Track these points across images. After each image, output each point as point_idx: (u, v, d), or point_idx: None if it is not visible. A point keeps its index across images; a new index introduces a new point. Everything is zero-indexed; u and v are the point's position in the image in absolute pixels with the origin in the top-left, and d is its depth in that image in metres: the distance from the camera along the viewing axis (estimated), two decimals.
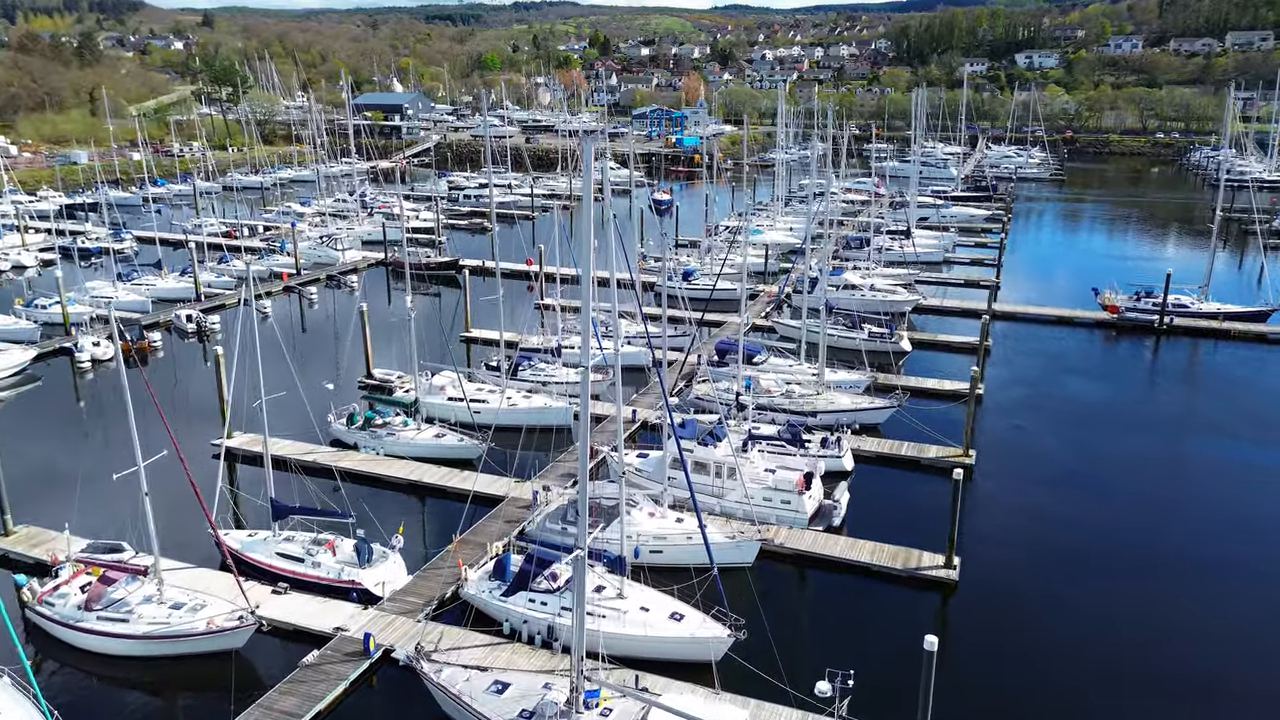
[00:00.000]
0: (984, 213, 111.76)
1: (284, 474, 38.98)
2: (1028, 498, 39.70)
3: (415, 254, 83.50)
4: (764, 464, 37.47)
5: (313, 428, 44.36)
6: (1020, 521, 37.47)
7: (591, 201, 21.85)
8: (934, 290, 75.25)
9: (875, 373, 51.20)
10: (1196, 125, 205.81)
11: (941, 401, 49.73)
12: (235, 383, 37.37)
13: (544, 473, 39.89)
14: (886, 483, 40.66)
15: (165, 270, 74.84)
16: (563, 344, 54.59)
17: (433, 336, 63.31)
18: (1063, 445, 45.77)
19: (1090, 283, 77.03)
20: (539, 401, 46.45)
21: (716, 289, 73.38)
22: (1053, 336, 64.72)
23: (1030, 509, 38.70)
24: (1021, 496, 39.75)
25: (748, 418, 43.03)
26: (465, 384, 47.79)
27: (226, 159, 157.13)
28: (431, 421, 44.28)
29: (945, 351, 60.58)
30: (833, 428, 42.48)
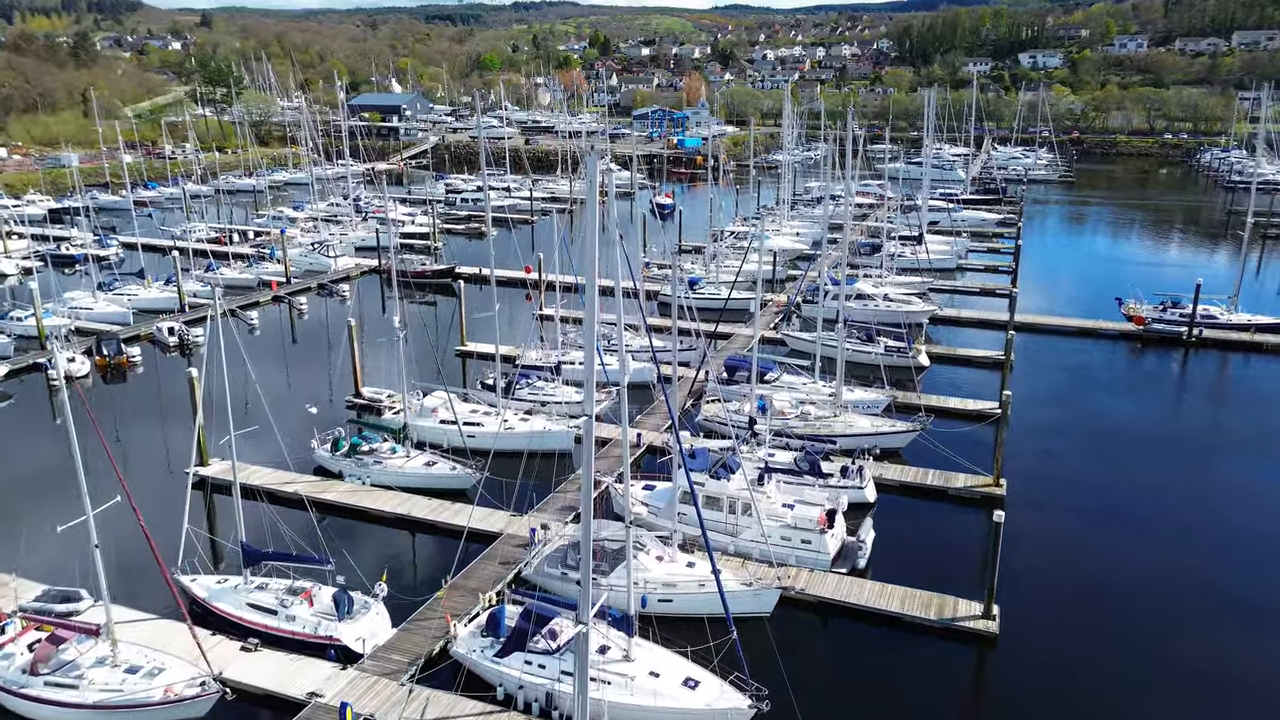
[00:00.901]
0: (995, 216, 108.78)
1: (264, 506, 36.14)
2: (1067, 534, 36.70)
3: (410, 261, 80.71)
4: (781, 498, 34.55)
5: (296, 453, 41.59)
6: (1061, 561, 34.51)
7: (597, 223, 19.11)
8: (945, 299, 72.22)
9: (894, 391, 48.30)
10: (1205, 126, 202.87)
11: (964, 422, 46.74)
12: (218, 399, 34.40)
13: (543, 505, 36.97)
14: (912, 516, 37.71)
15: (149, 279, 71.91)
16: (563, 360, 51.62)
17: (426, 350, 60.43)
18: (1098, 471, 42.79)
19: (1109, 290, 74.13)
20: (537, 424, 43.52)
21: (719, 298, 70.63)
22: (1076, 349, 61.76)
23: (1070, 546, 35.73)
24: (1060, 532, 36.75)
25: (762, 442, 40.16)
26: (458, 405, 44.85)
27: (221, 161, 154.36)
28: (422, 447, 41.36)
29: (965, 366, 57.65)
30: (854, 454, 39.47)
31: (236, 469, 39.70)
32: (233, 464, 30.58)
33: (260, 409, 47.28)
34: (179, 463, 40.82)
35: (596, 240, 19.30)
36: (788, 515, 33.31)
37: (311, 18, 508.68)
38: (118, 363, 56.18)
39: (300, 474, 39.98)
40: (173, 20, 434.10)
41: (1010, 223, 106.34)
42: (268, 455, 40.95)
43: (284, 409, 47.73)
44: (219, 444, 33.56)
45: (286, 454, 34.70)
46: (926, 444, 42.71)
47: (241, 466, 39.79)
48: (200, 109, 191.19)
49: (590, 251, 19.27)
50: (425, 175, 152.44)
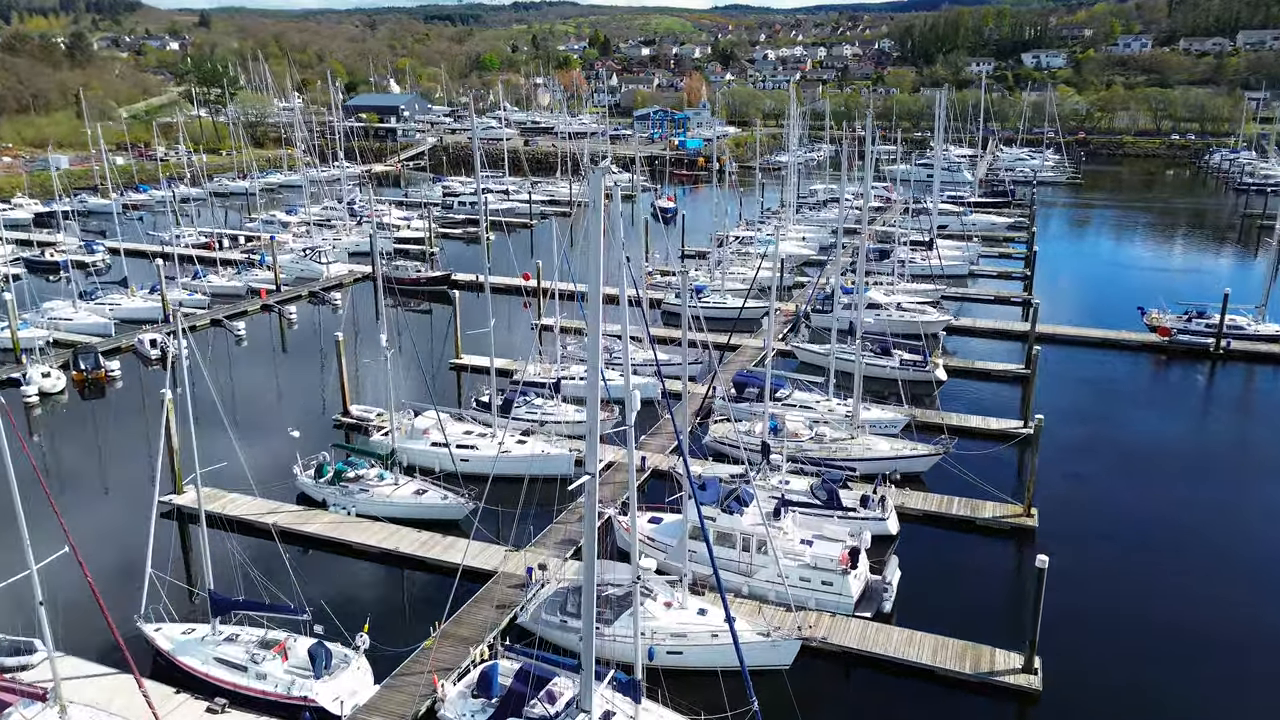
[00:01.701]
0: (1005, 220, 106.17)
1: (240, 540, 33.57)
2: (1108, 570, 33.99)
3: (404, 268, 78.17)
4: (799, 534, 31.95)
5: (279, 479, 39.07)
6: (1105, 603, 31.80)
7: (601, 244, 16.62)
8: (955, 307, 69.58)
9: (912, 409, 45.71)
10: (1212, 126, 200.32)
11: (987, 443, 44.19)
12: (201, 419, 31.99)
13: (541, 539, 34.38)
14: (938, 550, 35.10)
15: (133, 287, 69.30)
16: (563, 376, 48.99)
17: (418, 365, 57.88)
18: (1135, 498, 40.08)
19: (1127, 298, 71.69)
20: (535, 446, 40.87)
21: (726, 307, 68.03)
22: (1098, 361, 59.14)
23: (1114, 585, 33.02)
24: (1100, 569, 34.01)
25: (776, 466, 37.56)
26: (450, 425, 42.28)
27: (215, 163, 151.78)
28: (412, 473, 38.75)
29: (983, 380, 55.09)
30: (875, 482, 36.83)
31: (209, 502, 37.25)
32: (199, 503, 27.81)
33: (242, 430, 44.86)
34: (160, 488, 38.10)
35: (601, 271, 16.75)
36: (806, 553, 30.71)
37: (310, 18, 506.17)
38: (95, 378, 53.57)
39: (282, 502, 37.41)
40: (171, 20, 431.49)
41: (1021, 226, 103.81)
42: (247, 479, 38.37)
43: (268, 428, 45.35)
44: (198, 469, 30.85)
45: (254, 481, 31.95)
46: (948, 467, 40.15)
47: (217, 495, 37.43)
48: (196, 110, 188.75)
49: (595, 290, 16.73)
50: (422, 177, 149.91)
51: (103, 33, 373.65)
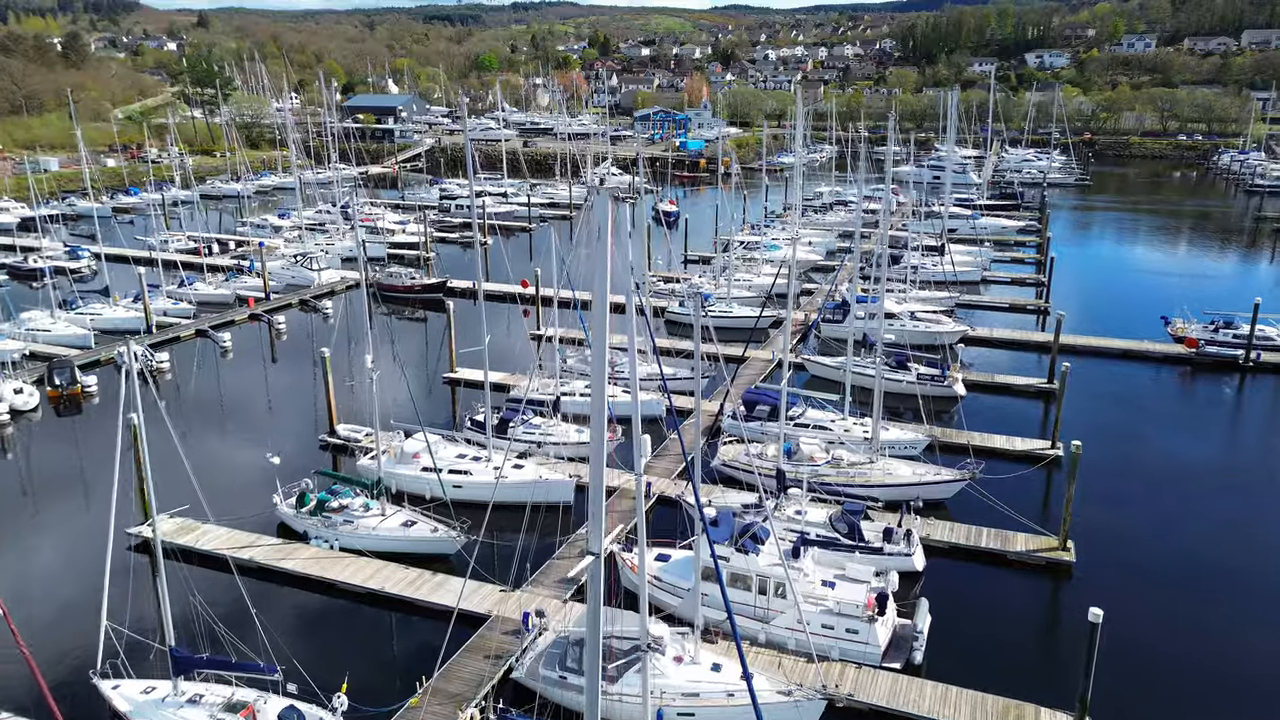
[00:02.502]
0: (1016, 224, 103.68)
1: (211, 579, 31.11)
2: (1156, 614, 31.19)
3: (398, 275, 75.62)
4: (820, 574, 29.36)
5: (258, 508, 36.51)
6: (1156, 652, 29.14)
7: (607, 280, 14.11)
8: (967, 315, 66.84)
9: (933, 428, 43.15)
10: (1219, 127, 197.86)
11: (1013, 464, 41.65)
12: (156, 455, 29.45)
13: (538, 577, 31.76)
14: (969, 589, 32.44)
15: (116, 296, 66.65)
16: (563, 393, 46.35)
17: (412, 377, 55.26)
18: (1178, 528, 37.34)
19: (1147, 306, 69.28)
20: (531, 471, 38.28)
21: (732, 315, 65.40)
22: (1121, 374, 56.52)
23: (1165, 631, 30.29)
24: (1148, 613, 31.17)
25: (790, 493, 34.96)
26: (442, 448, 39.70)
27: (208, 164, 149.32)
28: (401, 500, 36.16)
29: (1003, 395, 52.46)
30: (899, 513, 34.20)
31: (181, 534, 34.71)
32: (157, 549, 25.20)
33: (221, 452, 42.31)
34: (124, 519, 35.50)
35: (607, 307, 14.22)
36: (829, 597, 28.11)
37: (310, 18, 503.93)
38: (71, 394, 50.95)
39: (260, 535, 34.78)
40: (170, 20, 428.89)
41: (1032, 230, 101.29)
42: (225, 507, 35.92)
43: (249, 449, 42.78)
44: (186, 483, 28.37)
45: (230, 510, 29.31)
46: (972, 492, 37.59)
47: (189, 527, 34.88)
48: (191, 111, 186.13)
49: (600, 328, 14.18)
50: (420, 179, 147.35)
51: (100, 33, 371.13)
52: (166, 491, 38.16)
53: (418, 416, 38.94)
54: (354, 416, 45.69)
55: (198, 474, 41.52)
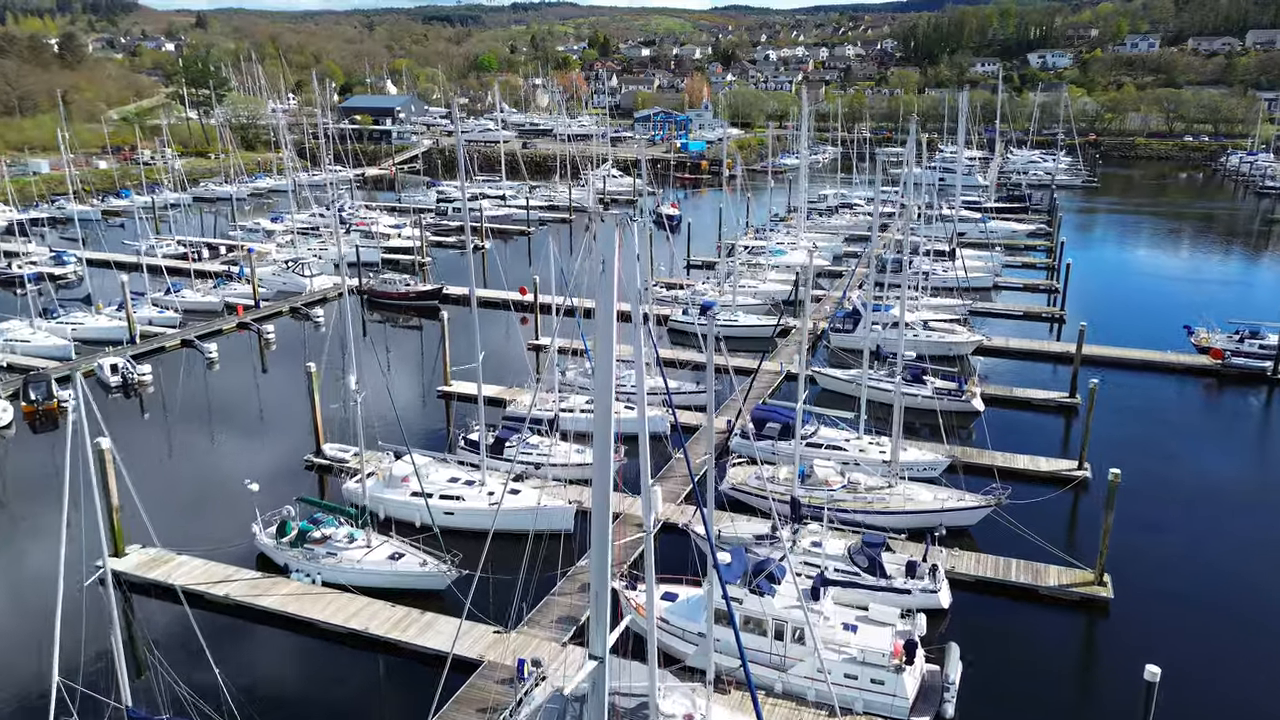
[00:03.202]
0: (1026, 227, 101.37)
1: (188, 614, 28.80)
2: (1201, 655, 29.02)
3: (392, 281, 73.35)
4: (840, 616, 27.07)
5: (236, 537, 34.23)
6: (1207, 698, 26.85)
7: (614, 305, 11.93)
8: (979, 323, 64.42)
9: (953, 447, 40.87)
10: (1225, 128, 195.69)
11: (1038, 487, 39.34)
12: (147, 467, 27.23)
13: (535, 617, 29.45)
14: (999, 630, 30.12)
15: (99, 304, 64.34)
16: (562, 409, 43.98)
17: (404, 392, 53.03)
18: (1220, 559, 34.88)
19: (1166, 313, 67.23)
20: (528, 497, 35.94)
21: (739, 324, 63.03)
22: (1145, 386, 54.21)
23: (1213, 673, 28.08)
24: (1194, 655, 29.04)
25: (806, 522, 32.68)
26: (434, 470, 37.43)
27: (203, 166, 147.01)
28: (389, 529, 33.85)
29: (1022, 409, 50.12)
30: (924, 545, 31.87)
31: (153, 567, 32.41)
32: (111, 604, 22.89)
33: (200, 475, 39.95)
34: (94, 551, 33.12)
35: (614, 340, 12.00)
36: (851, 643, 25.82)
37: (309, 19, 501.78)
38: (47, 409, 48.62)
39: (238, 567, 32.45)
40: (168, 21, 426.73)
41: (1043, 234, 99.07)
42: (203, 536, 33.78)
43: (230, 471, 40.46)
44: (164, 509, 26.10)
45: (207, 538, 27.03)
46: (998, 518, 35.31)
47: (163, 558, 32.60)
48: (188, 111, 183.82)
49: (605, 362, 11.94)
50: (417, 181, 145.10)
51: (98, 34, 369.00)
52: (139, 519, 36.06)
53: (404, 437, 36.63)
54: (342, 435, 43.37)
55: (174, 499, 39.56)
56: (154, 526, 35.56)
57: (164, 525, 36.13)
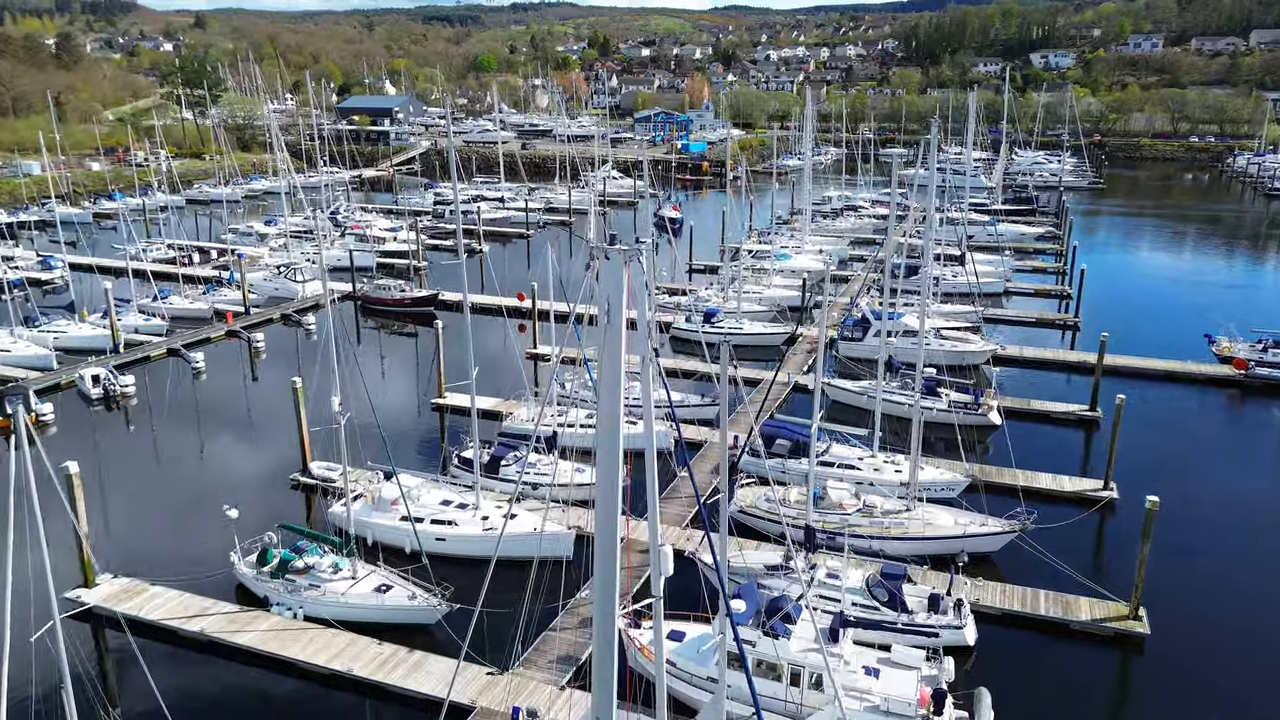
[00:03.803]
0: (1034, 230, 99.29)
1: (160, 651, 26.95)
2: (1246, 698, 27.04)
3: (386, 287, 71.39)
4: (860, 659, 25.09)
5: (215, 566, 32.26)
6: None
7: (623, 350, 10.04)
8: (990, 331, 62.27)
9: (971, 465, 38.91)
10: (1231, 128, 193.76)
11: (1062, 508, 37.39)
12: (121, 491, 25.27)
13: (531, 656, 27.46)
14: (1029, 670, 28.11)
15: (84, 311, 62.35)
16: (560, 423, 41.95)
17: (397, 405, 51.07)
18: (1255, 583, 32.85)
19: (1183, 320, 65.37)
20: (525, 522, 33.91)
21: (744, 332, 61.08)
22: (1166, 398, 52.21)
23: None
24: (1244, 695, 27.05)
25: (823, 555, 30.69)
26: (425, 493, 35.44)
27: (198, 168, 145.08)
28: (376, 557, 31.84)
29: (1040, 423, 48.09)
30: (948, 577, 29.86)
31: (123, 600, 30.37)
32: (61, 655, 20.86)
33: (177, 498, 38.00)
34: (64, 582, 31.11)
35: (623, 376, 10.10)
36: (874, 689, 23.85)
37: (308, 19, 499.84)
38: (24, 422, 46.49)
39: (217, 599, 30.43)
40: (167, 21, 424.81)
41: (1052, 237, 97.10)
42: (179, 563, 31.85)
43: (212, 491, 38.49)
44: (140, 536, 24.15)
45: (182, 567, 25.07)
46: (1022, 543, 33.34)
47: (136, 589, 30.61)
48: (184, 112, 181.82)
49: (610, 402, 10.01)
50: (415, 183, 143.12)
51: (96, 34, 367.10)
52: (112, 547, 34.13)
53: (390, 456, 34.53)
54: (330, 452, 41.37)
55: (151, 522, 37.56)
56: (127, 553, 33.73)
57: (139, 551, 34.41)
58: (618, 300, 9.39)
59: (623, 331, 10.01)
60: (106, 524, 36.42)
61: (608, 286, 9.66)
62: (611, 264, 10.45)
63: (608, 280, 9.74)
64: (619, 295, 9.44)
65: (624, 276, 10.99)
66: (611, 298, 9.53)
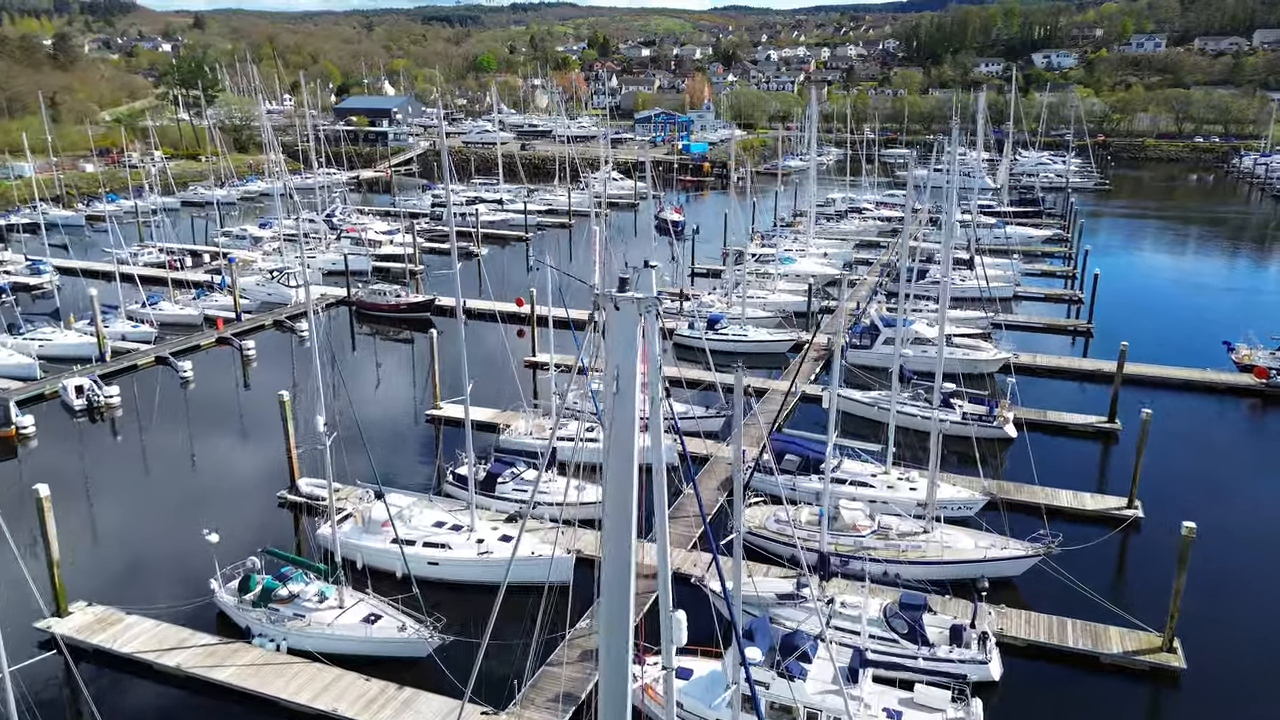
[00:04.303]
0: (1042, 233, 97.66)
1: (133, 686, 25.35)
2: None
3: (381, 292, 69.73)
4: (882, 700, 23.43)
5: (195, 592, 30.61)
6: None
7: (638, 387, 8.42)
8: (1000, 337, 60.48)
9: (989, 481, 37.25)
10: (1237, 129, 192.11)
11: (1084, 527, 35.73)
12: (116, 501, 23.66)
13: (529, 694, 25.77)
14: (1059, 709, 26.49)
15: (71, 318, 60.61)
16: (557, 435, 40.24)
17: (389, 416, 49.44)
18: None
19: (1199, 326, 63.64)
20: (524, 545, 32.22)
21: (748, 339, 59.40)
22: (1184, 409, 50.39)
23: None
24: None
25: (836, 573, 29.04)
26: (417, 513, 33.76)
27: (193, 169, 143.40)
28: (365, 582, 30.11)
29: (1057, 435, 46.40)
30: (972, 607, 28.14)
31: (97, 631, 28.61)
32: (10, 705, 19.20)
33: (158, 519, 36.40)
34: (36, 611, 29.32)
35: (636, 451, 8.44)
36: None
37: (308, 20, 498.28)
38: (4, 436, 44.92)
39: (196, 630, 28.72)
40: (166, 22, 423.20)
41: (1060, 239, 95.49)
42: (159, 587, 30.21)
43: (195, 511, 36.81)
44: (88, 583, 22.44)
45: (156, 594, 23.43)
46: (1045, 567, 31.68)
47: (111, 619, 28.96)
48: (181, 112, 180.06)
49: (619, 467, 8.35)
50: (413, 184, 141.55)
51: (95, 34, 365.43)
52: (88, 571, 32.44)
53: (376, 474, 32.84)
54: (320, 469, 39.70)
55: (130, 545, 35.81)
56: (104, 578, 32.01)
57: (116, 576, 32.71)
58: (630, 363, 7.62)
59: (636, 400, 8.20)
60: (83, 546, 34.78)
61: (618, 345, 7.89)
62: (623, 317, 8.40)
63: (618, 337, 7.97)
64: (631, 356, 7.64)
65: (638, 333, 9.15)
66: (622, 361, 7.74)
